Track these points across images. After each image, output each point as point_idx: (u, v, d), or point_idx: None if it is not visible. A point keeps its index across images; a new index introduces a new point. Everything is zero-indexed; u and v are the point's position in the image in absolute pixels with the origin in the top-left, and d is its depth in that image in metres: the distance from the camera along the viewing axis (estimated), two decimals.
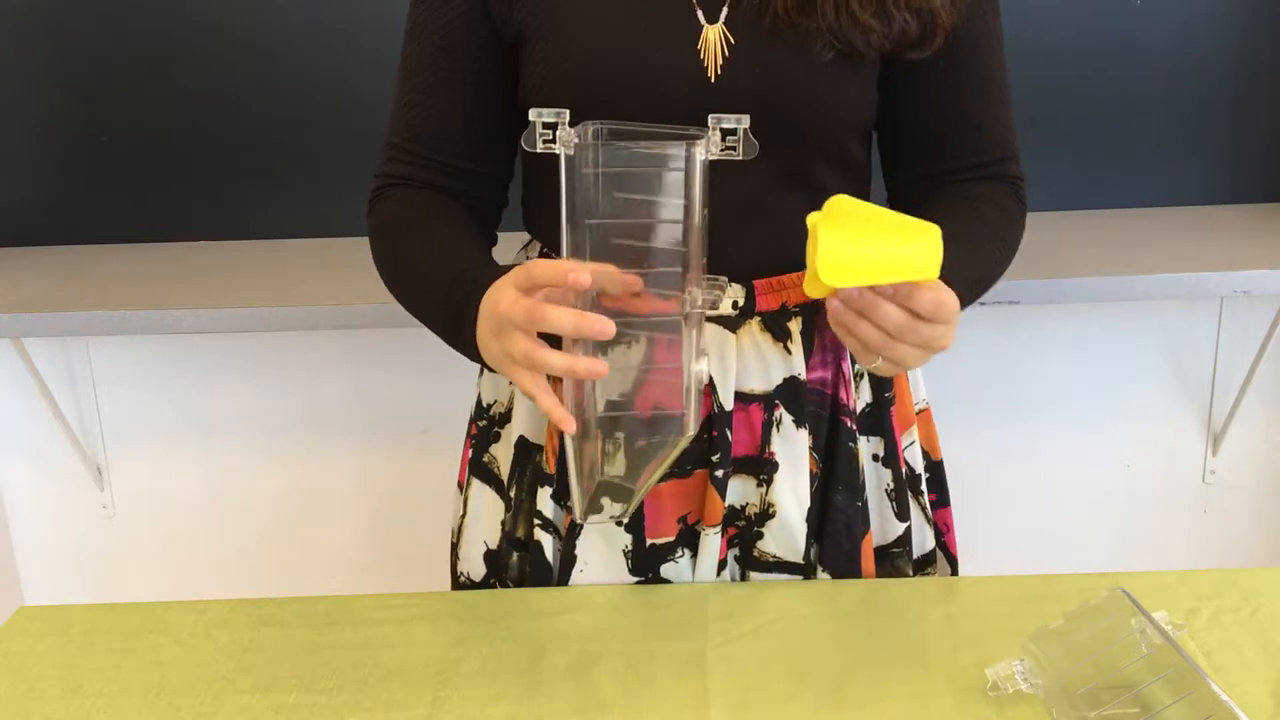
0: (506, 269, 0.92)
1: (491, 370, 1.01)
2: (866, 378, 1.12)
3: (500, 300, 0.87)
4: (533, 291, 0.85)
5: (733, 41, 0.97)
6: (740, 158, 0.86)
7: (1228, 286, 1.80)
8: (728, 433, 1.05)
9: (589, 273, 0.82)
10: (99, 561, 2.29)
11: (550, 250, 1.10)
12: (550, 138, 0.85)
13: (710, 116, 0.85)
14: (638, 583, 1.08)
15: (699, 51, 0.97)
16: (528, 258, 1.14)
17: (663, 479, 1.04)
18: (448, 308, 0.96)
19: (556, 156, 0.85)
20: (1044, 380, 2.18)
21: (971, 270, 0.99)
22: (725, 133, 0.85)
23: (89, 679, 0.97)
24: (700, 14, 0.98)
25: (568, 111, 0.84)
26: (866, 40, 0.97)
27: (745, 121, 0.85)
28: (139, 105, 2.05)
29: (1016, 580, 1.06)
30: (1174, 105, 2.06)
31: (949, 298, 0.87)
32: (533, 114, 0.85)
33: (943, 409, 1.23)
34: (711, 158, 0.85)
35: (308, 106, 2.04)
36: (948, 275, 0.87)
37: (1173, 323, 2.16)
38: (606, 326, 0.82)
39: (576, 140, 0.84)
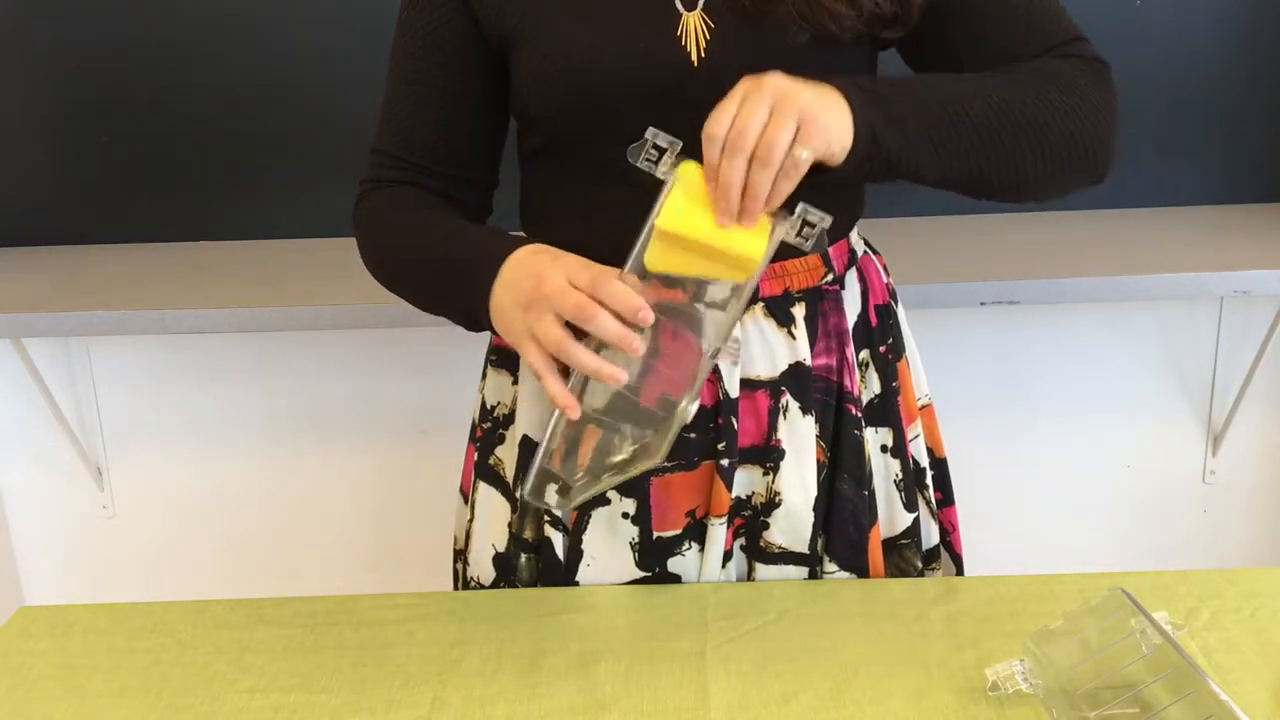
0: (520, 239, 0.95)
1: (482, 329, 1.02)
2: (873, 367, 1.12)
3: (546, 280, 0.89)
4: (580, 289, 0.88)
5: (712, 26, 0.99)
6: (809, 251, 0.90)
7: (1228, 286, 1.79)
8: (733, 421, 1.05)
9: (651, 315, 0.87)
10: (99, 561, 2.29)
11: None
12: (654, 158, 0.88)
13: (799, 205, 0.87)
14: (644, 577, 1.08)
15: (680, 38, 0.99)
16: None
17: (669, 471, 1.05)
18: (453, 265, 0.98)
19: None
20: (1044, 380, 2.18)
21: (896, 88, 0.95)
22: (805, 223, 0.88)
23: (89, 679, 0.97)
24: (678, 1, 0.99)
25: (680, 144, 0.88)
26: (838, 24, 0.96)
27: (827, 222, 0.88)
28: (138, 105, 2.05)
29: (1017, 580, 1.06)
30: (1174, 105, 2.05)
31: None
32: (649, 133, 0.88)
33: (942, 409, 1.23)
34: (784, 239, 0.89)
35: (307, 107, 2.04)
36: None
37: (1173, 323, 2.16)
38: (639, 345, 0.87)
39: (674, 166, 0.88)
